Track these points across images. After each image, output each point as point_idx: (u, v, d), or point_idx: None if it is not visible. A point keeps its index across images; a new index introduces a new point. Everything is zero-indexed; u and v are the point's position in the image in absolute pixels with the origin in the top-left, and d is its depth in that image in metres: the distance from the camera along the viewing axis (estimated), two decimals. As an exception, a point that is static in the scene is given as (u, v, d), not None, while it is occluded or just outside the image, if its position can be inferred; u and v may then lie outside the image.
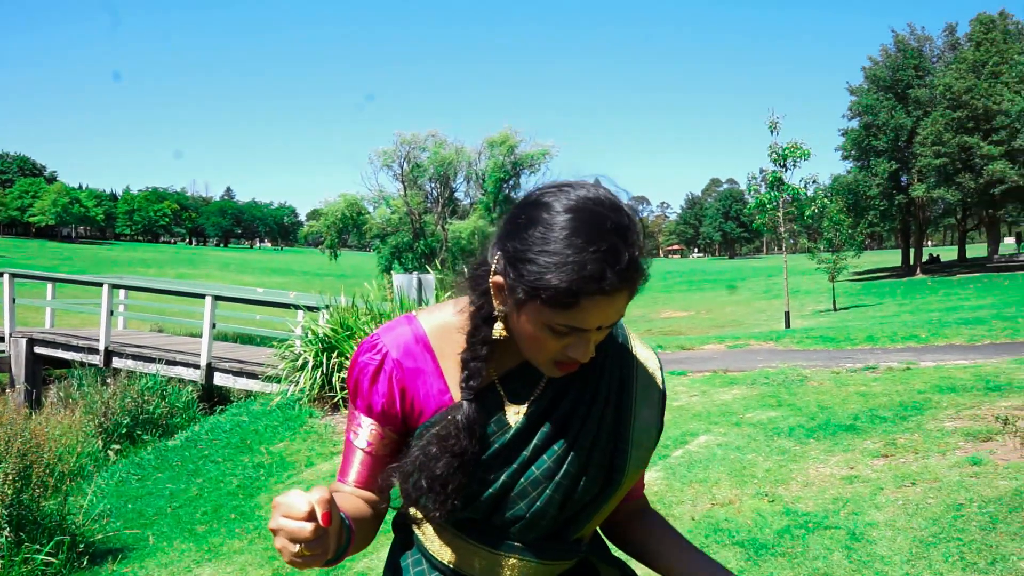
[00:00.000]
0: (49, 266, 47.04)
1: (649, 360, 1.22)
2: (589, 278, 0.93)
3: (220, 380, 11.23)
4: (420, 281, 9.33)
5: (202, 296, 11.89)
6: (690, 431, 5.80)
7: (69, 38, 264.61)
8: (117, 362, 12.28)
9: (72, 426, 8.68)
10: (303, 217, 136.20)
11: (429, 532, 1.17)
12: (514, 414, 1.11)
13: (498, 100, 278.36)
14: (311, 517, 0.83)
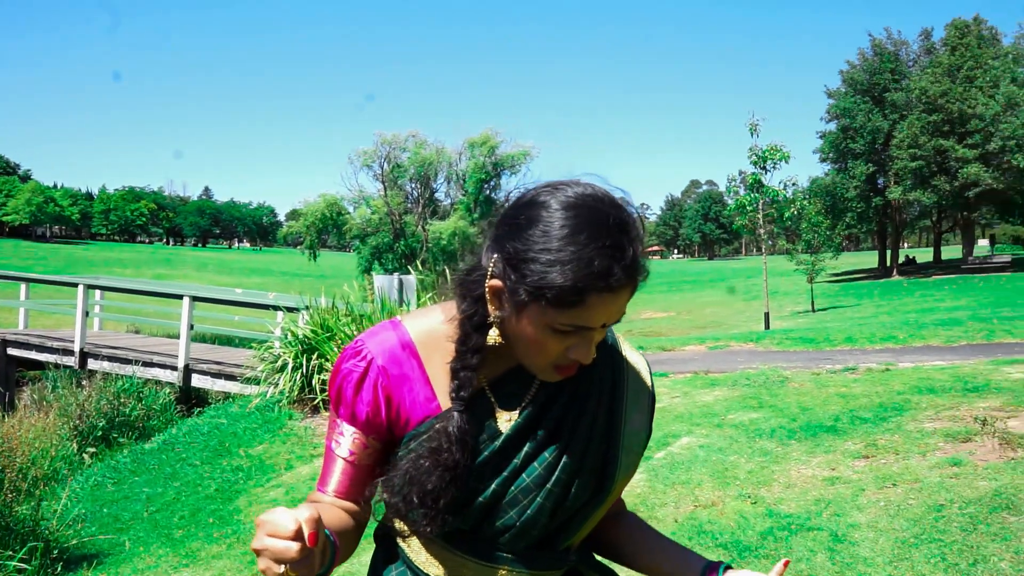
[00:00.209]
0: (23, 266, 46.31)
1: (639, 364, 1.20)
2: (596, 274, 0.91)
3: (198, 382, 11.10)
4: (401, 282, 9.29)
5: (180, 297, 11.76)
6: (672, 433, 5.80)
7: (42, 37, 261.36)
8: (93, 364, 12.10)
9: (46, 429, 8.52)
10: (282, 217, 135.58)
11: (415, 544, 1.14)
12: (505, 421, 1.08)
13: (479, 101, 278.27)
14: (298, 536, 0.80)
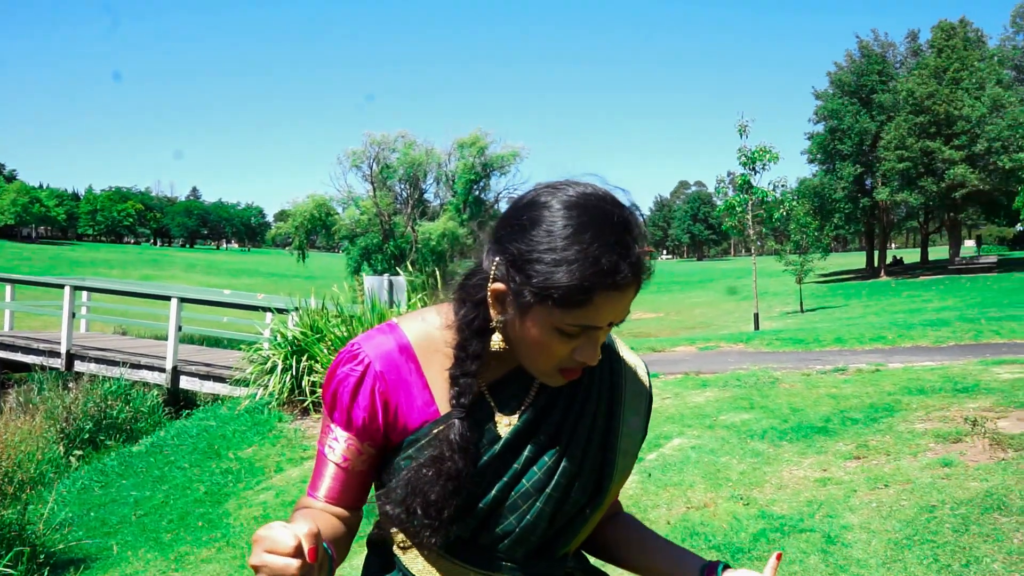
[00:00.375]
0: (8, 267, 45.91)
1: (638, 366, 1.19)
2: (603, 272, 0.90)
3: (186, 384, 11.02)
4: (391, 283, 9.23)
5: (167, 298, 11.66)
6: (664, 434, 5.80)
7: (28, 38, 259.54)
8: (79, 365, 12.00)
9: (32, 432, 8.45)
10: (271, 218, 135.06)
11: (411, 552, 1.11)
12: (504, 425, 1.06)
13: (468, 102, 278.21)
14: (297, 553, 0.78)
